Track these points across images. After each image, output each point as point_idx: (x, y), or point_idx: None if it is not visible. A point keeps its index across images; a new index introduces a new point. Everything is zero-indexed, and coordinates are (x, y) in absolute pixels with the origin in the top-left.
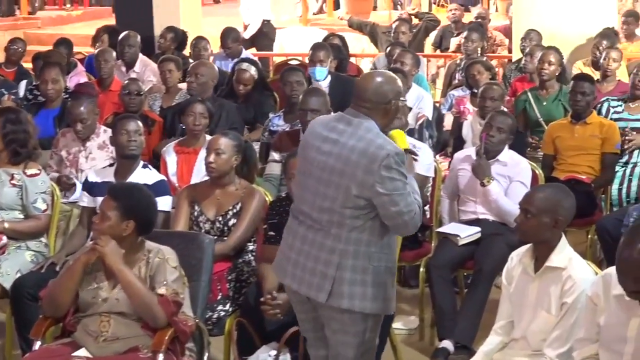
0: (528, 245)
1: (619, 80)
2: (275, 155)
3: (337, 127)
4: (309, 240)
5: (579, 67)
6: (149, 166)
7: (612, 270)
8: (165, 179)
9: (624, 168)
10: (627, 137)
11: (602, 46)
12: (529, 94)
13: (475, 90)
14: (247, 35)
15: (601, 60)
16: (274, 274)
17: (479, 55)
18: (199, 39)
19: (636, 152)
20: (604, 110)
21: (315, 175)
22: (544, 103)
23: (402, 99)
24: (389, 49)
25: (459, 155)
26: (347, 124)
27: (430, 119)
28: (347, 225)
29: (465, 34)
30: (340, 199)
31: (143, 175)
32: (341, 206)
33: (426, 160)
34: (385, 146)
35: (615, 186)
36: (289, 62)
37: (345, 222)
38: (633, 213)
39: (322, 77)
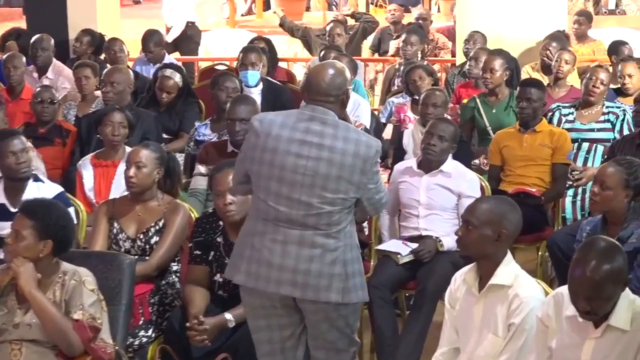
0: (471, 265)
1: (571, 85)
2: (201, 168)
3: (311, 128)
4: (307, 243)
5: (527, 71)
6: (41, 178)
7: (564, 289)
8: (63, 189)
9: None
10: (574, 174)
11: (551, 48)
12: (478, 100)
13: (417, 97)
14: (170, 38)
15: (552, 63)
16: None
17: (420, 59)
18: (113, 40)
19: (590, 162)
20: (555, 120)
21: (301, 182)
22: (494, 110)
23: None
24: (322, 52)
25: (399, 166)
26: (323, 124)
27: (368, 128)
28: (344, 222)
29: (403, 36)
30: (339, 202)
31: (38, 190)
32: (340, 208)
33: None
34: (371, 143)
35: (568, 199)
36: (216, 67)
37: (342, 219)
38: (586, 227)
39: (254, 82)
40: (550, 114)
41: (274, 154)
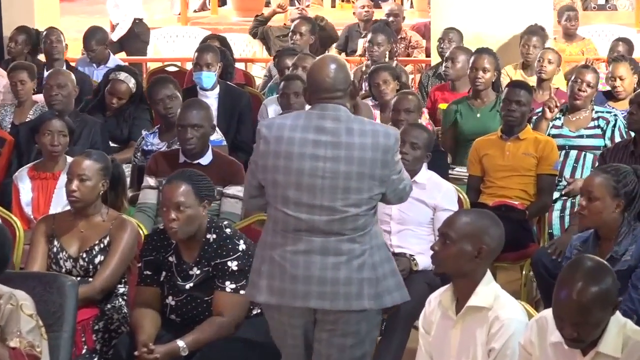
0: (447, 285)
1: (557, 88)
2: (150, 181)
3: (324, 127)
4: (331, 251)
5: (508, 72)
6: None
7: (548, 313)
8: None
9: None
10: (566, 182)
11: (531, 43)
12: (460, 104)
13: (380, 102)
14: (115, 36)
15: (535, 63)
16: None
17: (388, 59)
18: (51, 30)
19: (579, 172)
20: None
21: (321, 186)
22: (478, 115)
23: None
24: (277, 53)
25: None
26: (335, 120)
27: None
28: (369, 225)
29: (369, 36)
30: (365, 202)
31: None
32: (365, 209)
33: None
34: (389, 132)
35: (555, 213)
36: (166, 69)
37: (368, 221)
38: (576, 243)
39: (210, 84)
40: (535, 117)
41: (288, 159)
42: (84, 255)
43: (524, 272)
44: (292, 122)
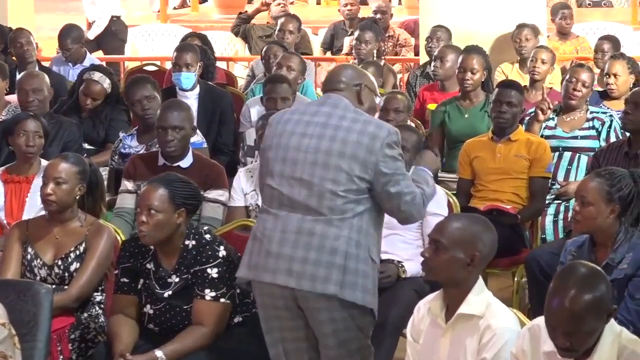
0: (438, 292)
1: (550, 88)
2: (127, 185)
3: (320, 111)
4: (305, 230)
5: (503, 70)
6: None
7: (541, 321)
8: None
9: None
10: (558, 185)
11: (522, 36)
12: (449, 105)
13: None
14: (91, 35)
15: (528, 62)
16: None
17: (375, 58)
18: (18, 31)
19: (573, 174)
20: None
21: (303, 159)
22: (466, 115)
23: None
24: (265, 49)
25: None
26: (333, 107)
27: None
28: (350, 211)
29: (356, 34)
30: (343, 182)
31: None
32: (344, 189)
33: None
34: (383, 125)
35: (549, 218)
36: (145, 68)
37: (348, 207)
38: (571, 248)
39: (190, 84)
40: (527, 118)
41: (280, 137)
42: (59, 263)
43: (516, 279)
44: (295, 107)
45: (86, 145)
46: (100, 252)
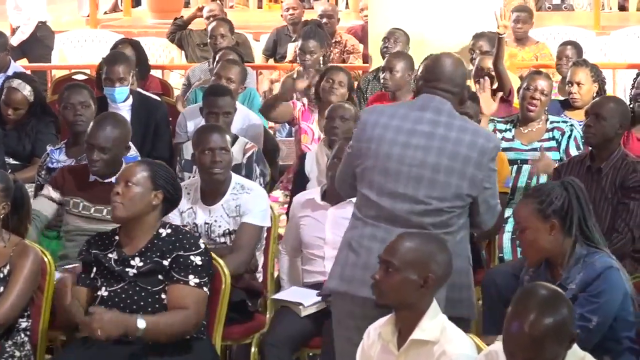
0: (389, 316)
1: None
2: (52, 193)
3: (424, 117)
4: None
5: None
6: None
7: (499, 346)
8: None
9: None
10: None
11: (477, 48)
12: None
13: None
14: (15, 41)
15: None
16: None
17: (321, 66)
18: None
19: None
20: None
21: (407, 173)
22: None
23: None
24: (219, 55)
25: (299, 198)
26: (437, 113)
27: (261, 150)
28: (454, 225)
29: (299, 42)
30: (450, 198)
31: None
32: (450, 206)
33: (259, 206)
34: (491, 137)
35: (506, 236)
36: (74, 77)
37: (452, 221)
38: (529, 270)
39: (123, 98)
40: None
41: (379, 144)
42: None
43: None
44: (393, 109)
45: (11, 160)
46: (26, 275)
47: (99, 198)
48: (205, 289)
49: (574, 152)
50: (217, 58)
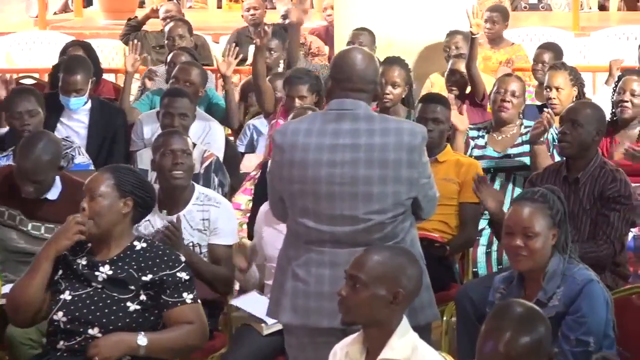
0: (356, 334)
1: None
2: None
3: (342, 129)
4: None
5: (434, 81)
6: None
7: None
8: None
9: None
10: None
11: (452, 44)
12: None
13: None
14: None
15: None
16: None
17: (284, 69)
18: None
19: (508, 198)
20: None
21: (340, 194)
22: None
23: None
24: (170, 56)
25: (264, 208)
26: (354, 120)
27: (221, 159)
28: (401, 232)
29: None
30: (390, 208)
31: None
32: (392, 216)
33: (231, 224)
34: (415, 129)
35: (481, 249)
36: (21, 82)
37: (398, 229)
38: (499, 286)
39: (78, 108)
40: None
41: (303, 168)
42: None
43: (445, 318)
44: (307, 126)
45: None
46: None
47: (35, 214)
48: (198, 300)
49: (557, 157)
50: (168, 60)
